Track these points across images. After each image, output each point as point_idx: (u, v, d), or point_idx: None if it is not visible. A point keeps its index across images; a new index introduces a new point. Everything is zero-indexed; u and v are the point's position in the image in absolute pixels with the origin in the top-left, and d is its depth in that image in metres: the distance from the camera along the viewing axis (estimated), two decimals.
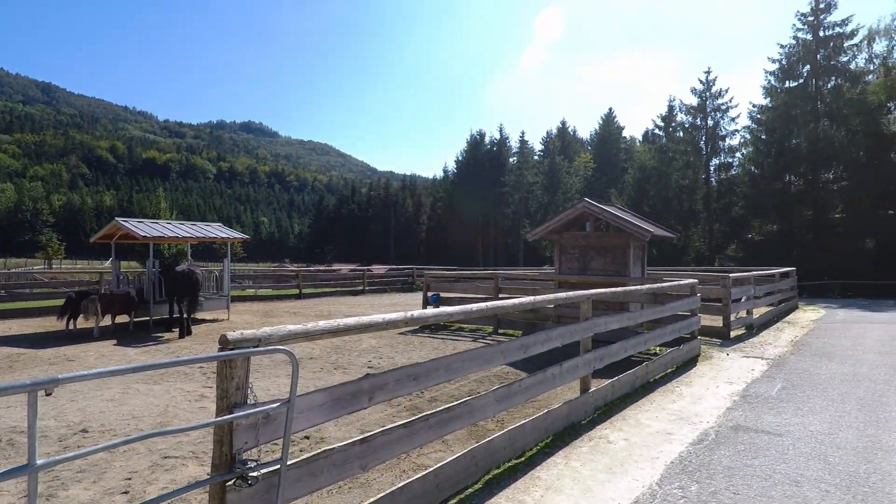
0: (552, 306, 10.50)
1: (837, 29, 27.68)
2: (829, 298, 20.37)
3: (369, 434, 2.88)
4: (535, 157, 65.66)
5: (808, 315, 14.22)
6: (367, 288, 22.70)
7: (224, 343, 2.16)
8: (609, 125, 67.11)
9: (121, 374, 1.76)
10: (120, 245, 13.25)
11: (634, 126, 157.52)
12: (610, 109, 68.88)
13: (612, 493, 3.47)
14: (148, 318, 11.43)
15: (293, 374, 2.17)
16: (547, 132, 70.65)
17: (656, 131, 40.63)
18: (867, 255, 24.02)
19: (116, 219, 12.14)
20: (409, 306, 14.51)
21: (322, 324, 2.59)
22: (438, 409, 3.34)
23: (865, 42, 26.86)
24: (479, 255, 61.80)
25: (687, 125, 36.84)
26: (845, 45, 27.54)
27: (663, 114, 39.94)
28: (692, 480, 3.62)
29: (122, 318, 11.34)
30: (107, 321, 10.79)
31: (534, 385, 4.31)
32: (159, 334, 10.56)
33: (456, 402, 3.51)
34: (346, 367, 7.39)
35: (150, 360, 7.44)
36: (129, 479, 3.68)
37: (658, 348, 8.05)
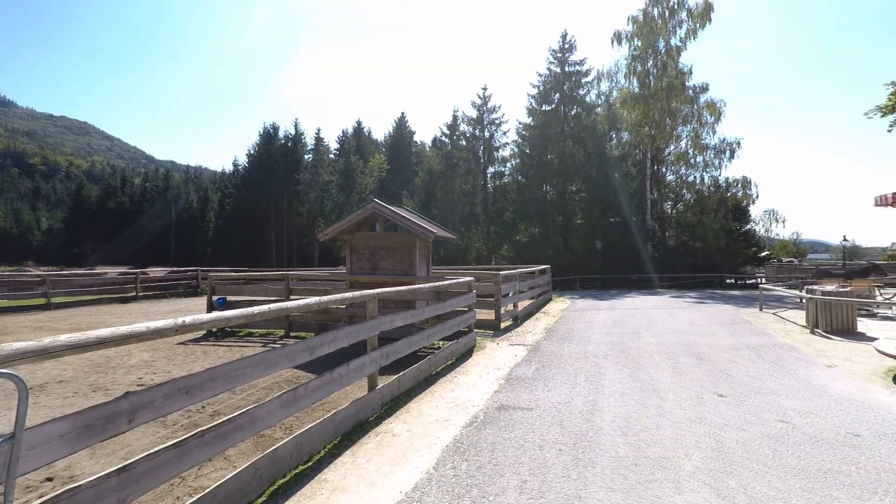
0: (344, 307, 10.61)
1: (577, 67, 33.77)
2: (574, 291, 24.71)
3: (130, 462, 2.59)
4: (332, 156, 64.94)
5: (558, 306, 17.02)
6: (140, 294, 19.73)
7: None
8: (402, 129, 70.20)
9: None
10: None
11: (425, 131, 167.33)
12: (402, 114, 72.10)
13: (395, 482, 3.73)
14: None
15: (20, 402, 1.84)
16: (343, 131, 70.60)
17: (443, 138, 43.89)
18: (598, 255, 29.79)
19: None
20: (190, 313, 13.09)
21: (64, 338, 2.21)
22: (216, 423, 3.16)
23: (596, 81, 33.31)
24: (273, 256, 58.62)
25: (468, 135, 40.65)
26: (583, 80, 33.76)
27: (449, 122, 43.41)
28: (463, 459, 4.10)
29: None
30: None
31: (322, 387, 4.35)
32: None
33: (236, 413, 3.36)
34: (109, 388, 6.38)
35: None
36: None
37: (441, 342, 8.78)
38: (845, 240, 37.34)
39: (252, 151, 62.88)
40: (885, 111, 17.19)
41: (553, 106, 34.32)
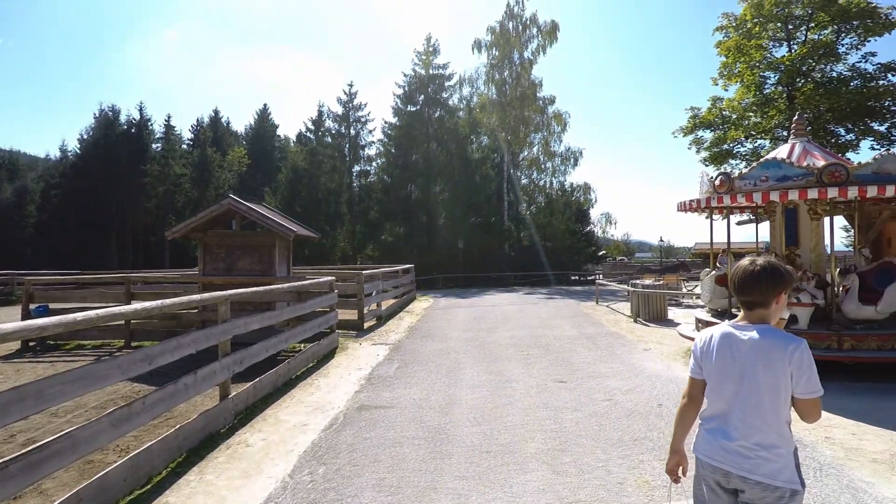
0: (196, 311, 9.83)
1: (441, 70, 34.87)
2: (437, 289, 25.50)
3: None
4: (185, 147, 58.94)
5: (422, 304, 17.46)
6: None
7: None
8: (264, 121, 66.18)
9: None
10: None
11: (289, 125, 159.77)
12: (265, 105, 68.01)
13: (247, 496, 3.57)
14: None
15: None
16: (198, 119, 64.16)
17: (308, 134, 42.36)
18: (460, 254, 31.14)
19: None
20: None
21: None
22: (25, 452, 2.75)
23: (459, 85, 34.61)
24: (115, 257, 51.43)
25: (334, 132, 39.72)
26: (446, 84, 34.92)
27: (314, 118, 42.02)
28: (320, 464, 4.06)
29: None
30: None
31: (163, 399, 4.01)
32: None
33: (52, 438, 2.96)
34: None
35: None
36: None
37: (302, 345, 8.53)
38: (661, 241, 43.59)
39: (86, 136, 54.52)
40: (685, 132, 20.35)
41: (418, 107, 34.99)
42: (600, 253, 37.93)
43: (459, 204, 32.05)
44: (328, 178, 38.03)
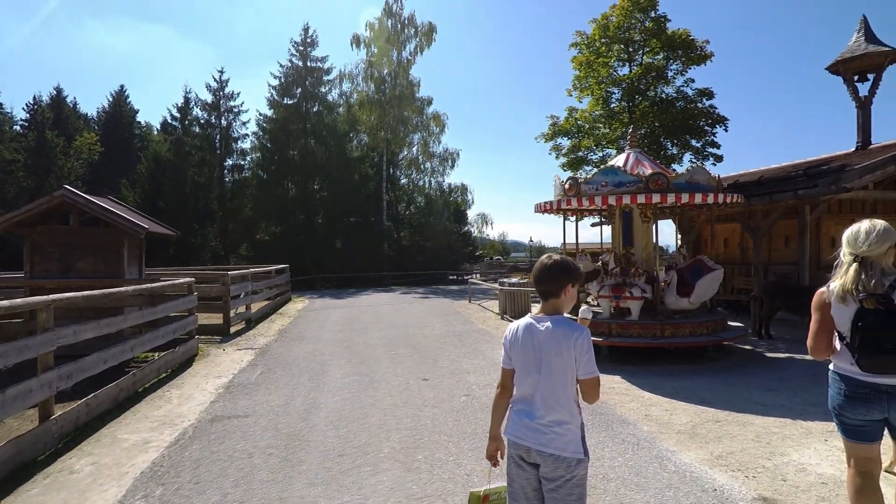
0: (21, 321, 8.62)
1: (319, 63, 33.82)
2: (315, 290, 24.82)
3: None
4: (17, 129, 50.62)
5: (296, 306, 16.89)
6: None
7: None
8: (121, 105, 58.91)
9: None
10: None
11: (151, 111, 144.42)
12: (122, 87, 60.56)
13: None
14: None
15: None
16: (35, 98, 55.38)
17: (173, 122, 38.71)
18: (338, 254, 30.60)
19: None
20: None
21: None
22: None
23: (338, 80, 33.80)
24: None
25: (203, 121, 36.73)
26: (324, 78, 33.96)
27: (180, 104, 38.50)
28: (158, 484, 3.78)
29: None
30: None
31: None
32: None
33: None
34: None
35: None
36: None
37: (154, 354, 7.84)
38: (531, 241, 46.64)
39: None
40: (546, 138, 21.99)
41: (295, 100, 33.64)
42: (477, 253, 39.55)
43: (338, 202, 31.43)
44: (197, 171, 35.09)
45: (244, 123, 36.51)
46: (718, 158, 20.00)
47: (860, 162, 9.13)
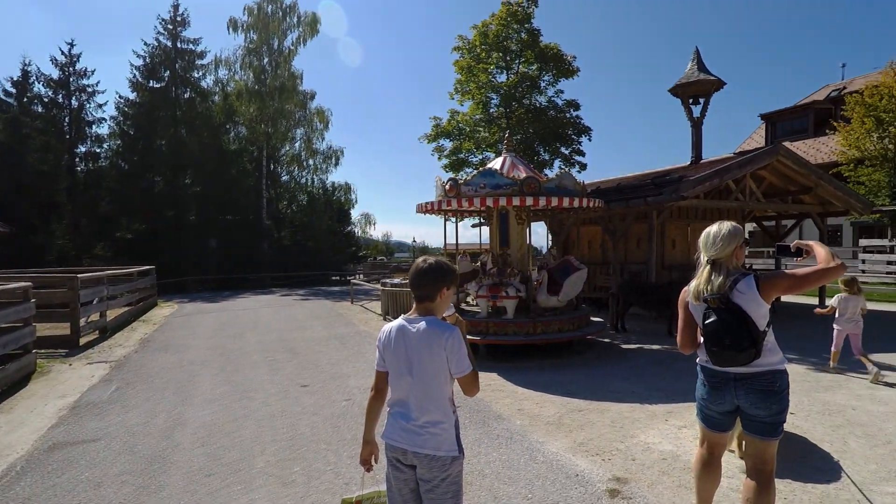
0: None
1: (191, 46, 31.01)
2: (186, 294, 22.91)
3: None
4: None
5: (163, 311, 15.44)
6: None
7: None
8: None
9: None
10: None
11: None
12: None
13: None
14: None
15: None
16: None
17: (7, 98, 33.24)
18: (212, 254, 28.50)
19: None
20: None
21: None
22: None
23: (213, 66, 31.32)
24: None
25: (47, 100, 31.99)
26: (197, 62, 31.25)
27: (16, 78, 33.09)
28: None
29: None
30: None
31: None
32: None
33: None
34: None
35: None
36: None
37: None
38: (415, 241, 47.31)
39: None
40: (429, 139, 22.49)
41: (163, 84, 30.61)
42: (361, 253, 39.07)
43: (213, 199, 29.25)
44: (39, 157, 30.37)
45: (101, 106, 32.33)
46: (583, 166, 21.86)
47: (694, 174, 10.48)
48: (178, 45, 30.78)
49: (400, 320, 2.19)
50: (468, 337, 2.21)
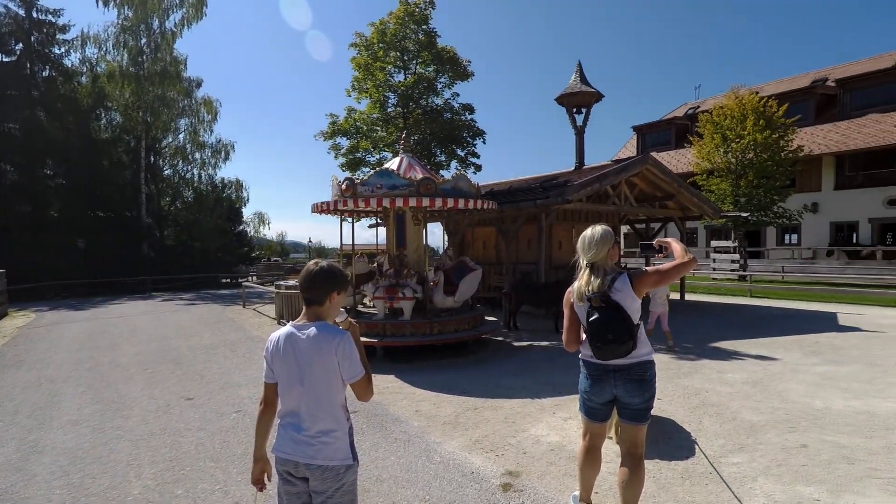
0: None
1: (51, 17, 27.05)
2: (46, 301, 20.27)
3: None
4: None
5: (15, 322, 13.55)
6: None
7: None
8: None
9: None
10: None
11: None
12: None
13: None
14: None
15: None
16: None
17: None
18: (80, 255, 25.42)
19: None
20: None
21: None
22: None
23: (80, 43, 27.72)
24: None
25: None
26: (59, 37, 27.34)
27: None
28: None
29: None
30: None
31: None
32: None
33: None
34: None
35: None
36: None
37: None
38: (311, 241, 46.03)
39: None
40: (325, 136, 21.99)
41: (15, 59, 26.52)
42: (253, 254, 37.08)
43: (81, 193, 26.00)
44: None
45: None
46: (478, 168, 22.60)
47: (578, 179, 11.29)
48: (34, 14, 26.89)
49: (288, 327, 2.11)
50: (365, 339, 2.21)
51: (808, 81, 29.11)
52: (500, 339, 9.68)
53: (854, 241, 23.72)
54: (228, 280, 29.25)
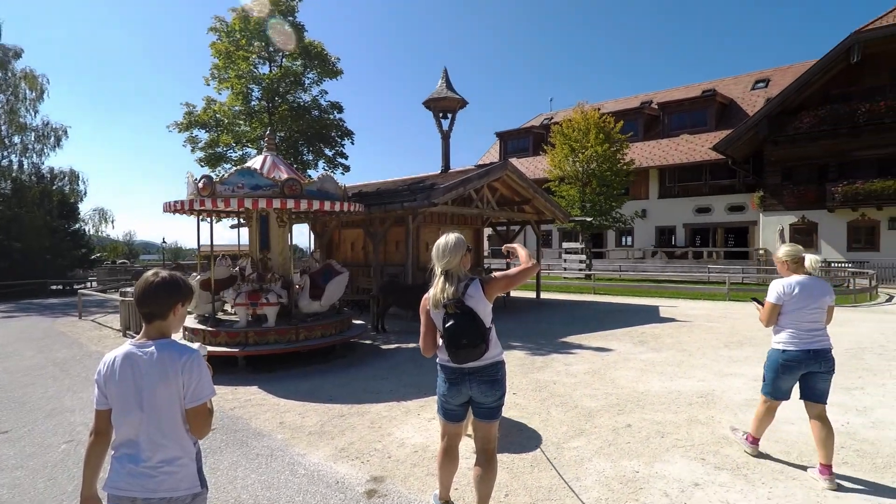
0: None
1: None
2: None
3: None
4: None
5: None
6: None
7: None
8: None
9: None
10: None
11: None
12: None
13: None
14: None
15: None
16: None
17: None
18: None
19: None
20: None
21: None
22: None
23: None
24: None
25: None
26: None
27: None
28: None
29: None
30: None
31: None
32: None
33: None
34: None
35: None
36: None
37: None
38: (165, 242, 41.79)
39: None
40: (181, 128, 20.12)
41: None
42: (94, 256, 32.49)
43: None
44: None
45: None
46: (346, 168, 22.31)
47: (444, 182, 11.75)
48: None
49: (127, 346, 1.93)
50: (225, 350, 2.12)
51: (639, 102, 33.51)
52: (368, 342, 9.71)
53: (673, 243, 27.87)
54: (60, 287, 25.25)
